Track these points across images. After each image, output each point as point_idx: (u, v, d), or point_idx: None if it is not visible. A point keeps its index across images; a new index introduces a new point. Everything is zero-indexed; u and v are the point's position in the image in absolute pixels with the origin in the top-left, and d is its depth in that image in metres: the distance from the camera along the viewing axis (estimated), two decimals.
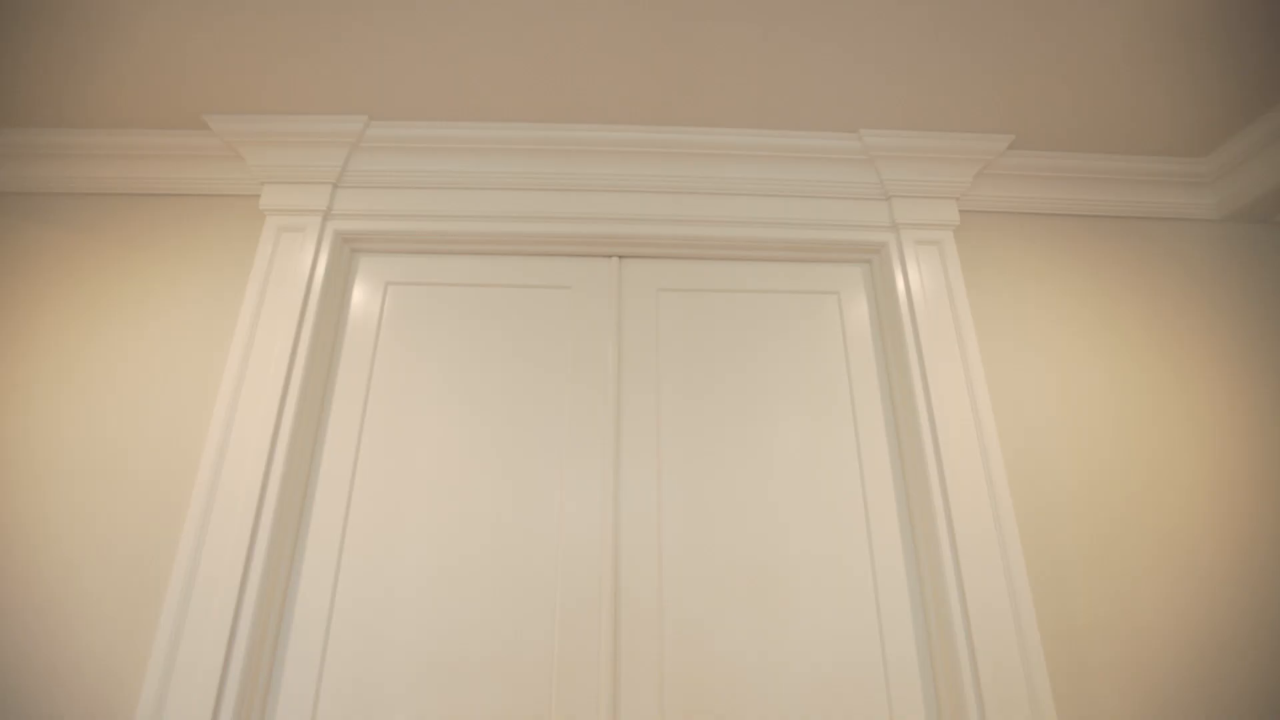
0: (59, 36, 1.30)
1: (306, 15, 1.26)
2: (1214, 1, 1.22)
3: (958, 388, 1.38)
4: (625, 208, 1.54)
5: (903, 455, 1.43)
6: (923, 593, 1.32)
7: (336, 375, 1.47)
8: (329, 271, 1.47)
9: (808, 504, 1.39)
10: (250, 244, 1.51)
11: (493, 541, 1.34)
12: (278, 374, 1.34)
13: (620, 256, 1.60)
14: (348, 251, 1.56)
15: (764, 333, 1.54)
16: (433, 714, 1.22)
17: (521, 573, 1.32)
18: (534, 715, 1.22)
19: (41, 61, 1.36)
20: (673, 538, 1.36)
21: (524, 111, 1.51)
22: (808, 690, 1.26)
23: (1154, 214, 1.63)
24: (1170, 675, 1.23)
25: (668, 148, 1.54)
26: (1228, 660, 1.25)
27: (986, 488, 1.30)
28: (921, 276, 1.48)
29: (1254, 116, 1.50)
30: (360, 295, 1.55)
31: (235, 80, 1.41)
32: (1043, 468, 1.36)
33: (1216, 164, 1.62)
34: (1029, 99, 1.45)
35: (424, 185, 1.54)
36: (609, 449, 1.42)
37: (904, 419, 1.43)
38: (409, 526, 1.35)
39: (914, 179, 1.55)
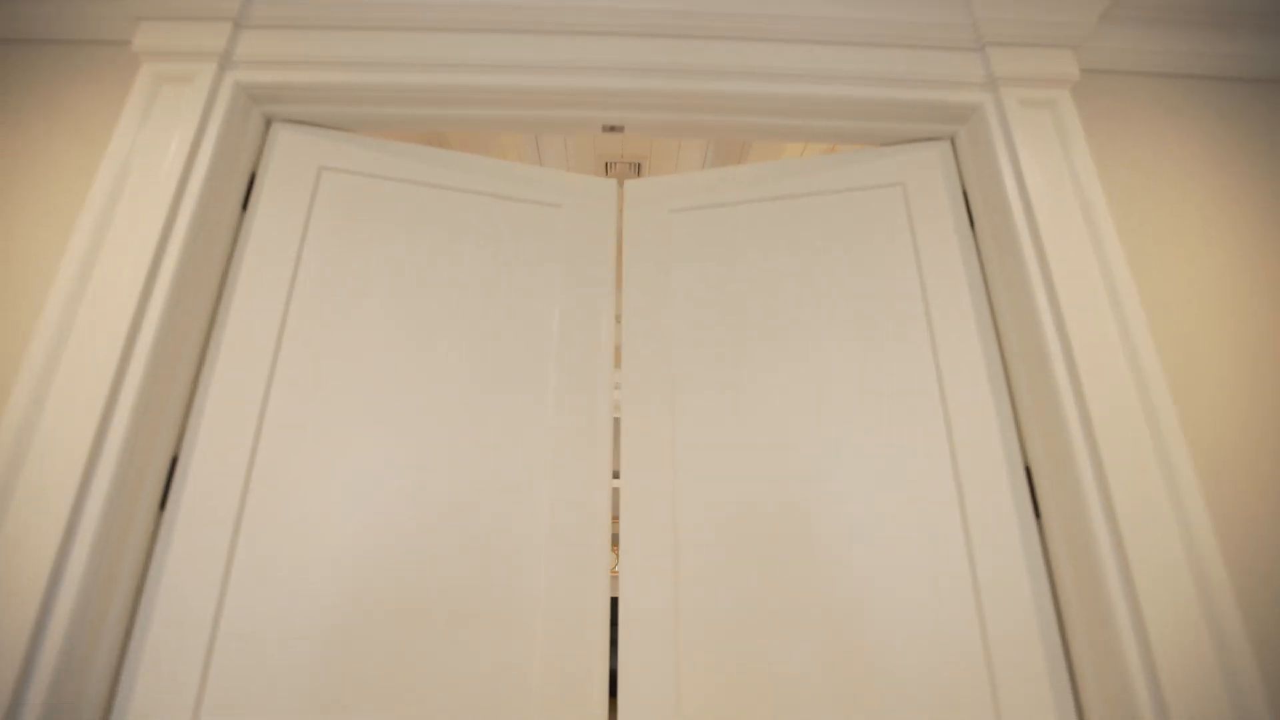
0: None
1: None
2: None
3: (1095, 296, 0.97)
4: (623, 54, 1.13)
5: (1013, 393, 1.04)
6: (1043, 546, 0.97)
7: (235, 285, 1.08)
8: (225, 137, 1.08)
9: (868, 456, 1.05)
10: (122, 100, 1.12)
11: (464, 487, 1.07)
12: (130, 289, 0.94)
13: (617, 128, 1.22)
14: (258, 116, 1.17)
15: (805, 249, 1.21)
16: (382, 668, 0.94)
17: (499, 518, 1.05)
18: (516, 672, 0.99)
19: None
20: (688, 495, 1.06)
21: None
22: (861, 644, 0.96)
23: None
24: None
25: None
26: None
27: (1145, 421, 0.90)
28: (1032, 147, 1.07)
29: None
30: (279, 180, 1.16)
31: None
32: (1209, 385, 0.98)
33: None
34: None
35: (358, 24, 1.14)
36: (603, 383, 1.16)
37: (1016, 343, 1.04)
38: (347, 470, 1.02)
39: (1019, 18, 1.14)
